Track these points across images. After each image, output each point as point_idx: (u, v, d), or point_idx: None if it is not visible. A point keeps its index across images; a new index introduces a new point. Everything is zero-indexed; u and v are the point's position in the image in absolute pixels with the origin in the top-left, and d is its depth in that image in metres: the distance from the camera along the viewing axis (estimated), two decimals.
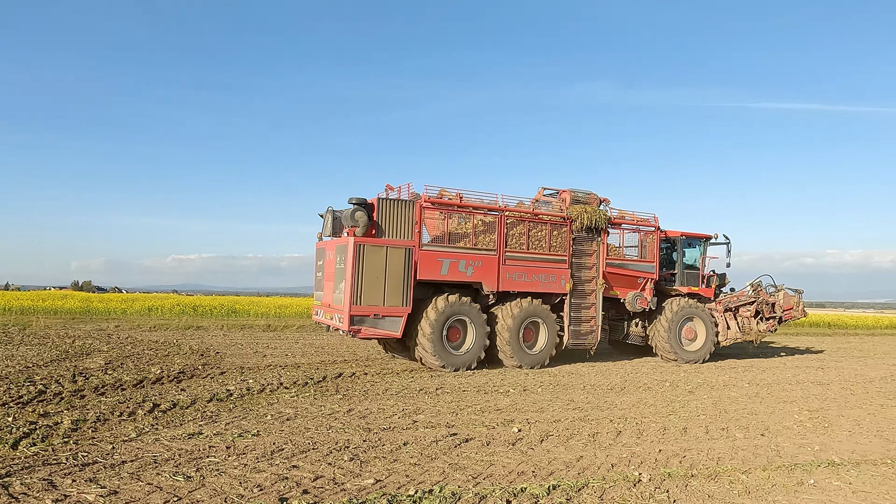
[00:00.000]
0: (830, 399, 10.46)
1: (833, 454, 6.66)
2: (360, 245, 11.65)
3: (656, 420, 8.17)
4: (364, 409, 8.15)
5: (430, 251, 12.39)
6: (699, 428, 7.77)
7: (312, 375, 10.93)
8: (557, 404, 9.10)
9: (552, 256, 13.68)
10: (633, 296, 14.81)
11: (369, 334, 11.97)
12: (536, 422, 7.78)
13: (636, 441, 6.94)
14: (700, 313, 15.84)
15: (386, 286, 11.86)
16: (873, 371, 14.97)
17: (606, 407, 9.04)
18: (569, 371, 12.97)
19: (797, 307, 17.46)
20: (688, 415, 8.62)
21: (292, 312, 27.78)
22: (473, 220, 13.02)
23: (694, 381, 12.19)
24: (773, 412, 9.09)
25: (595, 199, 14.52)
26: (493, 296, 13.14)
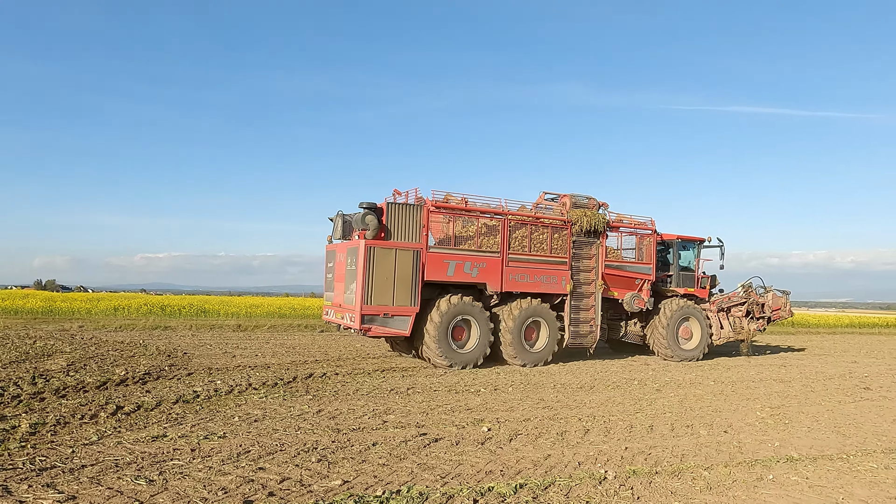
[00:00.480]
0: (791, 396, 10.76)
1: (792, 450, 6.85)
2: (371, 247, 12.10)
3: (624, 418, 8.30)
4: (334, 410, 8.09)
5: (436, 253, 12.82)
6: (665, 425, 7.91)
7: (282, 376, 10.82)
8: (527, 403, 9.18)
9: (553, 258, 14.15)
10: (631, 296, 15.29)
11: (379, 333, 12.41)
12: (506, 421, 7.83)
13: (603, 439, 7.04)
14: (696, 313, 16.45)
15: (395, 287, 12.31)
16: (833, 368, 15.44)
17: (576, 405, 9.14)
18: (540, 370, 13.08)
19: (785, 307, 18.25)
20: (654, 412, 8.78)
21: (263, 312, 27.47)
22: (478, 223, 13.52)
23: (662, 379, 12.41)
24: (737, 409, 9.30)
25: (594, 204, 15.01)
26: (497, 296, 13.58)
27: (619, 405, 9.32)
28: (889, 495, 5.36)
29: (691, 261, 17.29)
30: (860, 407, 9.87)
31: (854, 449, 7.01)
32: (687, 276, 17.02)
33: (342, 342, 17.77)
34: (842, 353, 20.29)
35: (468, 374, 12.14)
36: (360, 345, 17.25)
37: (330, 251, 14.29)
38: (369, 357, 14.29)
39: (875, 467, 6.23)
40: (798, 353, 19.76)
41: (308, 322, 24.63)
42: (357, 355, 14.54)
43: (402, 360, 14.01)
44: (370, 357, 14.30)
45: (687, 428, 7.82)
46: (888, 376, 14.06)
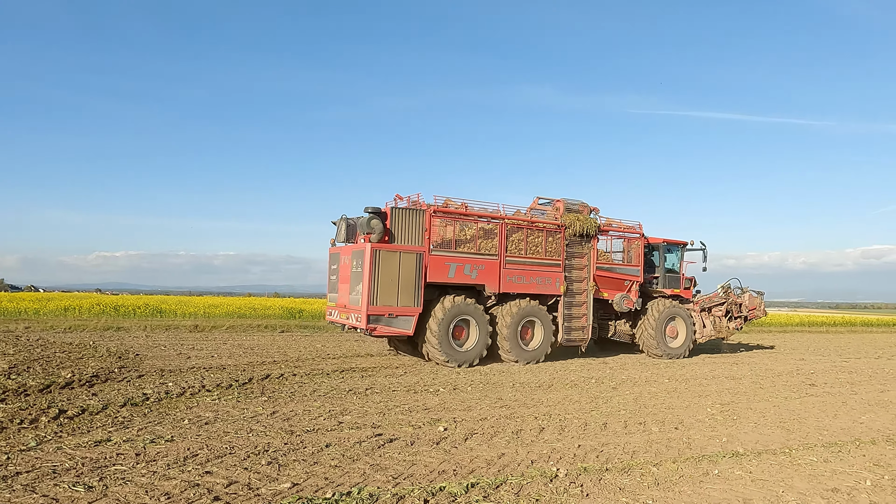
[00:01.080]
0: (741, 393, 11.08)
1: (738, 445, 7.05)
2: (377, 250, 12.58)
3: (579, 416, 8.41)
4: (289, 411, 7.96)
5: (438, 256, 13.33)
6: (618, 423, 8.05)
7: (238, 377, 10.60)
8: (485, 402, 9.21)
9: (548, 261, 14.75)
10: (621, 297, 15.95)
11: (384, 332, 12.87)
12: (463, 420, 7.84)
13: (557, 437, 7.11)
14: (681, 313, 17.20)
15: (399, 288, 12.80)
16: (781, 366, 15.98)
17: (533, 404, 9.22)
18: (500, 370, 13.16)
19: (760, 307, 19.18)
20: (609, 410, 8.92)
21: (223, 312, 26.89)
22: (477, 227, 14.02)
23: (619, 377, 12.63)
24: (689, 406, 9.53)
25: (586, 208, 15.62)
26: (494, 297, 14.11)
27: (575, 403, 9.43)
28: (826, 487, 5.56)
29: (675, 263, 18.04)
30: (805, 403, 10.23)
31: (797, 443, 7.26)
32: (672, 278, 17.76)
33: (302, 342, 17.53)
34: (791, 351, 21.04)
35: (428, 374, 12.12)
36: (321, 345, 17.06)
37: (333, 254, 14.72)
38: (329, 357, 14.13)
39: (815, 461, 6.46)
40: (750, 351, 20.38)
41: (269, 322, 24.23)
42: (317, 356, 14.37)
43: (362, 360, 13.90)
44: (330, 357, 14.14)
45: (640, 425, 7.96)
46: (832, 373, 14.63)
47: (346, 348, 16.40)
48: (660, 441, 7.12)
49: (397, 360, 14.19)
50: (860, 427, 8.39)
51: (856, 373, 14.82)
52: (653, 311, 16.70)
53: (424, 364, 13.54)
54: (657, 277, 17.49)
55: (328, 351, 15.61)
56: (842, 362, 17.48)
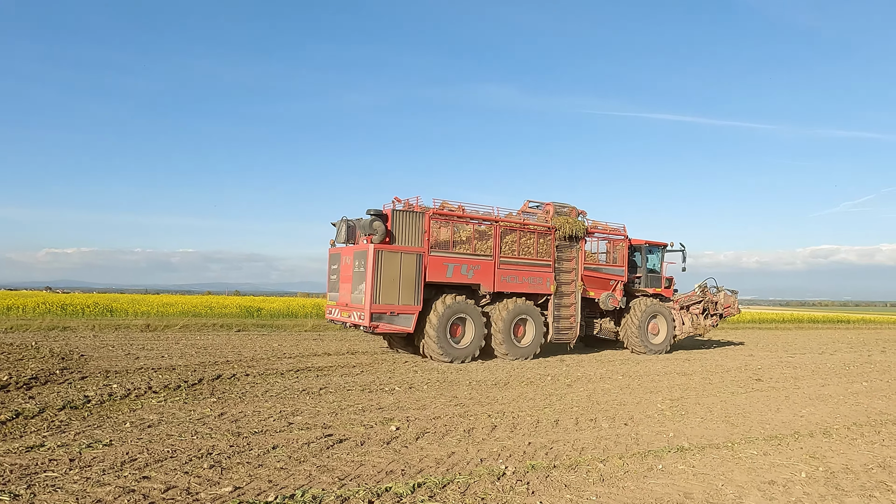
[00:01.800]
0: (690, 388, 11.37)
1: (684, 440, 7.21)
2: (379, 251, 13.08)
3: (532, 413, 8.47)
4: (238, 413, 7.78)
5: (436, 256, 13.88)
6: (570, 420, 8.14)
7: (188, 378, 10.32)
8: (440, 401, 9.19)
9: (539, 261, 15.43)
10: (606, 296, 16.75)
11: (386, 329, 13.43)
12: (416, 419, 7.80)
13: (509, 435, 7.15)
14: (662, 311, 18.07)
15: (400, 287, 13.33)
16: (731, 362, 16.47)
17: (487, 402, 9.25)
18: (456, 368, 13.17)
19: (734, 305, 20.19)
20: (562, 407, 9.02)
21: (177, 311, 26.19)
22: (473, 229, 14.62)
23: (574, 374, 12.79)
24: (639, 402, 9.72)
25: (574, 211, 16.35)
26: (489, 296, 14.72)
27: (529, 401, 9.51)
28: (764, 479, 5.73)
29: (657, 264, 18.88)
30: (750, 397, 10.56)
31: (739, 437, 7.47)
32: (653, 278, 18.61)
33: (258, 342, 17.20)
34: (741, 348, 21.72)
35: (385, 372, 12.04)
36: (278, 344, 16.78)
37: (334, 254, 15.15)
38: (285, 357, 13.90)
39: (755, 454, 6.66)
40: (703, 348, 20.95)
41: (225, 321, 23.69)
42: (272, 355, 14.11)
43: (318, 359, 13.72)
44: (286, 357, 13.91)
45: (590, 421, 8.07)
46: (778, 368, 15.17)
47: (304, 347, 16.17)
48: (609, 437, 7.23)
49: (354, 358, 14.06)
50: (800, 420, 8.70)
51: (800, 368, 15.40)
52: (636, 309, 17.44)
53: (382, 363, 13.45)
54: (639, 277, 18.28)
55: (284, 350, 15.36)
56: (787, 358, 18.14)
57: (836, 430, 8.10)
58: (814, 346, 23.26)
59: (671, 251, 19.13)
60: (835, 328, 42.29)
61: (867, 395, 11.27)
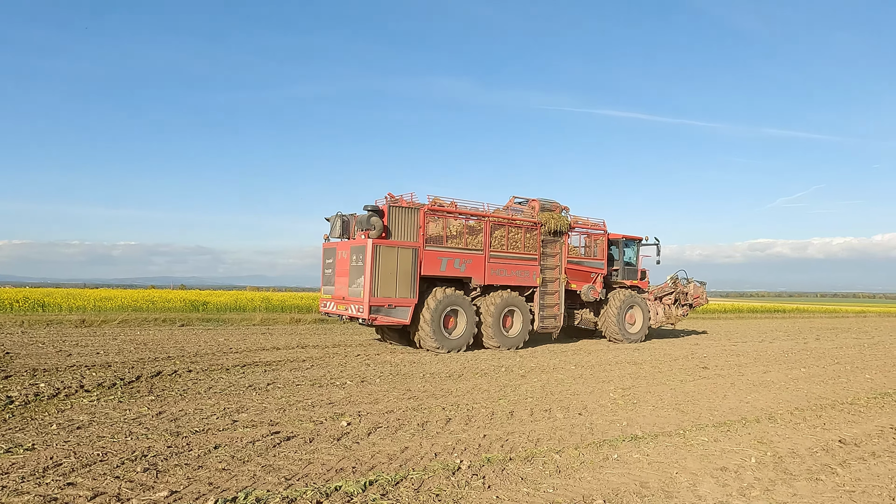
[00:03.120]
0: (641, 377, 11.53)
1: (637, 428, 7.24)
2: (377, 246, 13.44)
3: (486, 405, 8.36)
4: (178, 411, 7.35)
5: (431, 251, 14.33)
6: (525, 411, 8.06)
7: (124, 375, 9.74)
8: (393, 394, 8.97)
9: (526, 255, 16.02)
10: (588, 288, 17.47)
11: (384, 322, 13.76)
12: (368, 414, 7.55)
13: (464, 428, 7.00)
14: (639, 302, 18.96)
15: (398, 281, 13.69)
16: (677, 350, 16.89)
17: (441, 395, 9.09)
18: (410, 361, 12.96)
19: (703, 296, 21.20)
20: (517, 398, 8.94)
21: (116, 306, 24.93)
22: (465, 224, 15.14)
23: (528, 365, 12.79)
24: (593, 392, 9.76)
25: (558, 207, 16.92)
26: (479, 289, 15.29)
27: (484, 392, 9.40)
28: (716, 466, 5.78)
29: (633, 257, 19.67)
30: (698, 385, 10.79)
31: (690, 424, 7.56)
32: (630, 270, 19.43)
33: (203, 337, 16.52)
34: (687, 337, 22.35)
35: (336, 367, 11.71)
36: (224, 339, 16.15)
37: (328, 248, 15.35)
38: (231, 352, 13.36)
39: (706, 440, 6.74)
40: (650, 337, 21.42)
41: (168, 316, 22.69)
42: (218, 350, 13.54)
43: (267, 353, 13.25)
44: (232, 352, 13.37)
45: (545, 412, 8.02)
46: (723, 356, 15.63)
47: (251, 342, 15.62)
48: (564, 427, 7.18)
49: (304, 353, 13.66)
50: (746, 407, 8.92)
51: (742, 356, 15.92)
52: (614, 300, 18.24)
53: (333, 356, 13.10)
54: (616, 270, 19.03)
55: (231, 345, 14.78)
56: (731, 346, 18.75)
57: (780, 415, 8.32)
58: (754, 335, 24.18)
59: (646, 245, 20.00)
60: (772, 318, 44.27)
61: (806, 381, 11.70)
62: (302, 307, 27.99)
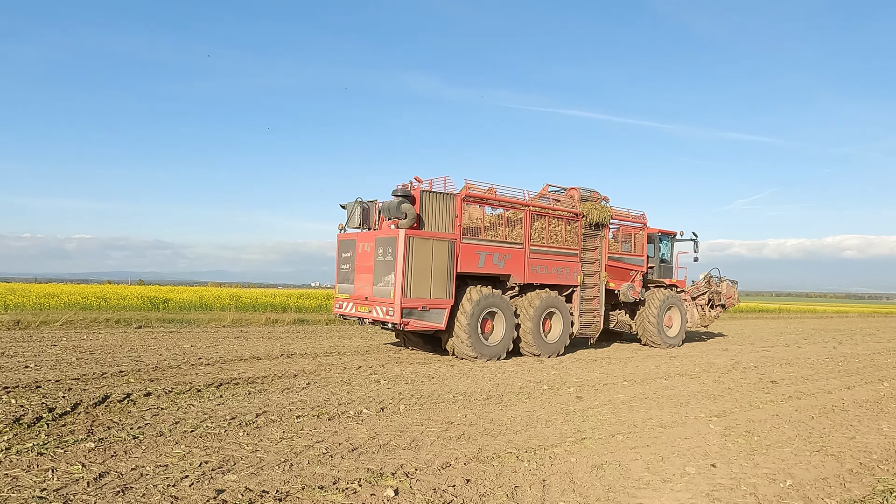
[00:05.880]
0: (716, 396, 9.38)
1: (809, 489, 5.03)
2: (410, 237, 11.48)
3: (570, 448, 6.05)
4: (129, 471, 4.81)
5: (469, 244, 12.44)
6: (636, 461, 5.77)
7: (56, 403, 7.10)
8: (433, 431, 6.58)
9: (567, 250, 14.23)
10: (627, 287, 15.79)
11: (416, 326, 11.85)
12: (416, 472, 5.15)
13: (578, 499, 4.66)
14: (677, 302, 17.45)
15: (432, 279, 11.77)
16: (719, 358, 14.89)
17: (496, 430, 6.74)
18: (426, 374, 10.55)
19: (734, 295, 19.84)
20: (600, 436, 6.66)
21: (61, 303, 21.72)
22: (504, 214, 13.29)
23: (570, 380, 10.54)
24: (681, 422, 7.55)
25: (598, 196, 15.14)
26: (517, 288, 13.37)
27: (547, 424, 7.09)
28: None
29: (668, 253, 18.24)
30: (798, 407, 8.70)
31: (882, 486, 5.40)
32: (666, 268, 18.03)
33: (165, 342, 13.75)
34: (708, 341, 20.51)
35: (339, 385, 9.24)
36: (191, 345, 13.44)
37: (346, 241, 13.29)
38: (201, 363, 10.71)
39: None
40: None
41: (123, 315, 19.69)
42: (184, 361, 10.88)
43: (246, 365, 10.66)
44: (203, 363, 10.73)
45: (661, 461, 5.75)
46: (775, 366, 13.68)
47: (225, 349, 12.96)
48: (716, 489, 4.91)
49: (292, 364, 11.11)
50: None
51: (794, 364, 14.01)
52: (653, 301, 16.67)
53: (330, 369, 10.60)
54: (652, 267, 17.49)
55: (200, 353, 12.12)
56: (765, 352, 16.89)
57: None
58: (771, 338, 22.52)
59: (681, 240, 18.63)
60: (761, 318, 43.09)
61: None
62: (276, 306, 25.21)
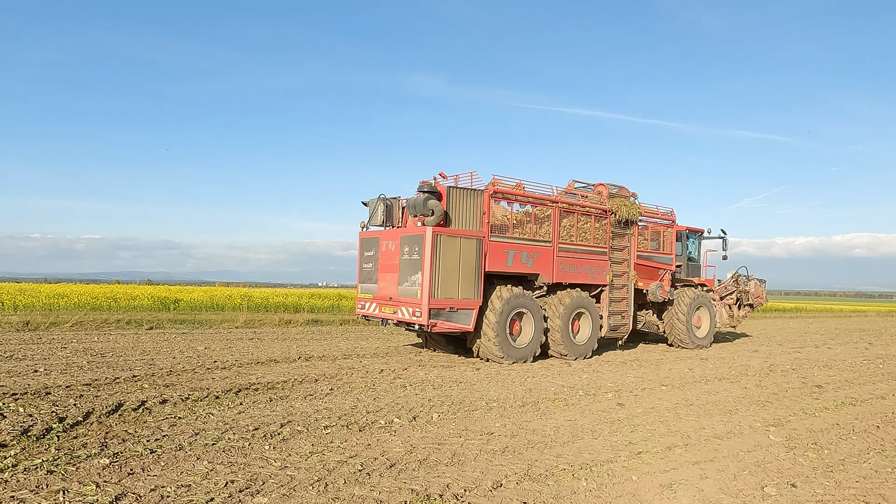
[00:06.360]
0: (762, 403, 8.81)
1: None
2: (438, 235, 11.05)
3: (628, 464, 5.51)
4: (147, 494, 4.33)
5: (497, 242, 11.95)
6: (695, 473, 5.23)
7: (67, 412, 6.65)
8: (473, 443, 6.07)
9: (595, 248, 13.78)
10: (656, 286, 15.22)
11: (444, 328, 11.42)
12: (466, 492, 4.64)
13: None
14: (706, 302, 16.91)
15: (460, 278, 11.35)
16: (750, 359, 14.28)
17: (541, 442, 6.22)
18: (453, 379, 10.04)
19: (763, 295, 19.28)
20: (655, 448, 6.12)
21: (71, 304, 21.37)
22: (533, 210, 12.77)
23: (604, 384, 10.00)
24: (737, 431, 7.00)
25: (626, 193, 14.68)
26: (545, 287, 12.93)
27: (594, 435, 6.57)
28: None
29: (695, 251, 17.64)
30: (859, 416, 8.12)
31: None
32: (694, 266, 17.37)
33: (178, 344, 13.30)
34: (733, 342, 19.88)
35: (364, 390, 8.74)
36: (204, 346, 12.99)
37: (368, 238, 12.79)
38: (216, 367, 10.25)
39: None
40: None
41: (134, 316, 19.31)
42: (199, 364, 10.42)
43: (264, 370, 10.18)
44: (218, 367, 10.26)
45: (734, 480, 5.20)
46: (814, 368, 13.07)
47: (240, 351, 12.50)
48: None
49: (312, 367, 10.63)
50: None
51: (833, 367, 13.38)
52: (681, 300, 16.18)
53: (352, 372, 10.11)
54: (680, 266, 16.88)
55: (214, 355, 11.66)
56: (797, 353, 16.25)
57: None
58: (797, 339, 21.85)
59: (708, 238, 18.04)
60: (779, 317, 42.31)
61: None
62: (289, 306, 24.78)
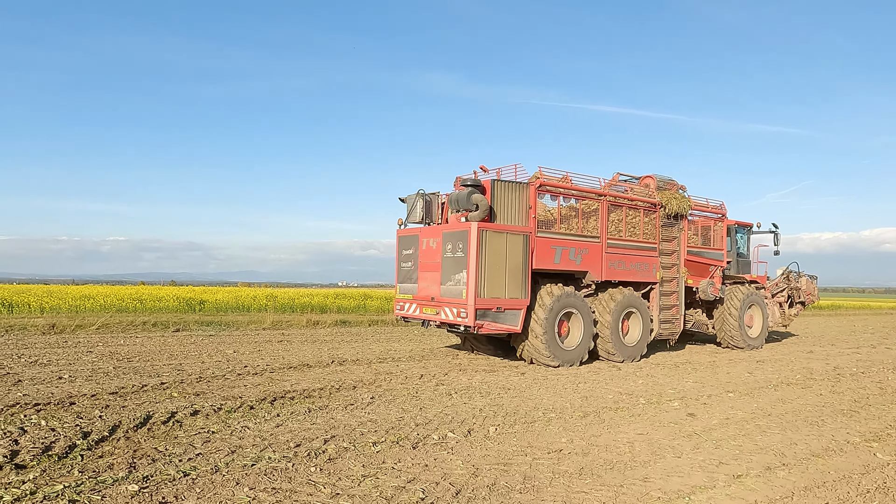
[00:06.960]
0: (851, 413, 7.96)
1: None
2: (483, 231, 10.47)
3: (733, 493, 4.75)
4: None
5: (543, 238, 11.36)
6: (811, 502, 4.46)
7: (92, 424, 6.09)
8: (543, 463, 5.35)
9: (645, 244, 13.11)
10: (706, 284, 14.54)
11: (491, 329, 10.78)
12: None
13: None
14: (758, 300, 16.08)
15: (507, 277, 10.75)
16: (810, 362, 13.33)
17: (618, 461, 5.48)
18: (499, 385, 9.32)
19: (814, 292, 18.43)
20: (755, 471, 5.34)
21: (97, 306, 21.09)
22: (580, 204, 12.13)
23: (664, 391, 9.21)
24: (838, 448, 6.18)
25: (675, 185, 14.11)
26: (593, 285, 12.32)
27: (676, 453, 5.80)
28: None
29: (744, 246, 16.86)
30: None
31: None
32: (744, 263, 16.63)
33: (206, 347, 12.79)
34: (777, 342, 18.84)
35: (407, 399, 8.07)
36: (233, 350, 12.46)
37: (407, 236, 12.16)
38: (247, 373, 9.67)
39: None
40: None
41: (160, 318, 18.92)
42: (230, 370, 9.85)
43: (298, 376, 9.57)
44: (249, 373, 9.68)
45: None
46: (886, 370, 12.08)
47: (270, 355, 11.93)
48: None
49: (347, 372, 10.00)
50: None
51: None
52: (733, 299, 15.41)
53: (391, 378, 9.45)
54: (729, 262, 16.01)
55: (244, 360, 11.11)
56: (857, 355, 15.21)
57: None
58: (847, 338, 20.70)
59: (757, 232, 17.30)
60: (817, 314, 40.83)
61: None
62: (315, 306, 24.28)
